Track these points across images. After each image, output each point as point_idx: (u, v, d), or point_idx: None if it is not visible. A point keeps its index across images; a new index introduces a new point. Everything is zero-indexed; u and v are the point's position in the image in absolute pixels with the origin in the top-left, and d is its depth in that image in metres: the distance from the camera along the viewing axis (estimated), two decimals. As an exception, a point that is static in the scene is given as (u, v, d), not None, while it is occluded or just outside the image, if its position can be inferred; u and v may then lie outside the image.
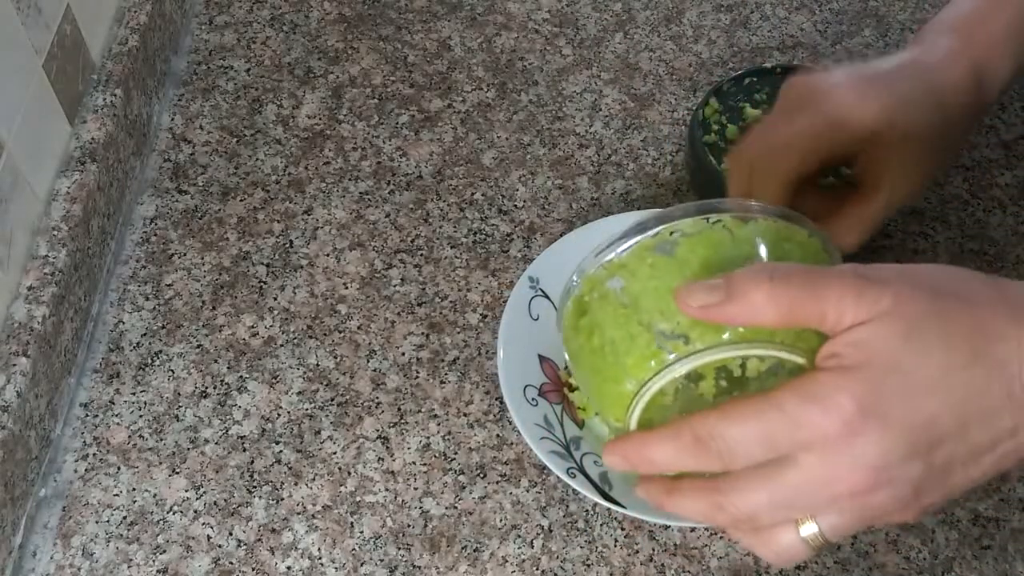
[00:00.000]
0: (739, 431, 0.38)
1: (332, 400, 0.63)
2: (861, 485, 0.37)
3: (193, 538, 0.58)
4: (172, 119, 0.77)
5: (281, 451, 0.61)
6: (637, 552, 0.58)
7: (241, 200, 0.73)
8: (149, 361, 0.65)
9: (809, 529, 0.39)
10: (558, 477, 0.59)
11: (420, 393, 0.64)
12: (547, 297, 0.65)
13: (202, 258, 0.69)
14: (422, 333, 0.67)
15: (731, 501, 0.39)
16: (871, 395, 0.36)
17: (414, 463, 0.61)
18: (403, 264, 0.70)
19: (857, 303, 0.37)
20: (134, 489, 0.60)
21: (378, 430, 0.62)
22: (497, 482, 0.61)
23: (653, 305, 0.42)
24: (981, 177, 0.76)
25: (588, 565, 0.58)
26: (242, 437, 0.62)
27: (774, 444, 0.37)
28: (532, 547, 0.58)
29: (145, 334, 0.66)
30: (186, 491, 0.60)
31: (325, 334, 0.66)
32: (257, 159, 0.75)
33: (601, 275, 0.45)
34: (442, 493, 0.60)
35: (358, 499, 0.60)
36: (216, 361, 0.65)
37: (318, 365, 0.65)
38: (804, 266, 0.39)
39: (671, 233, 0.43)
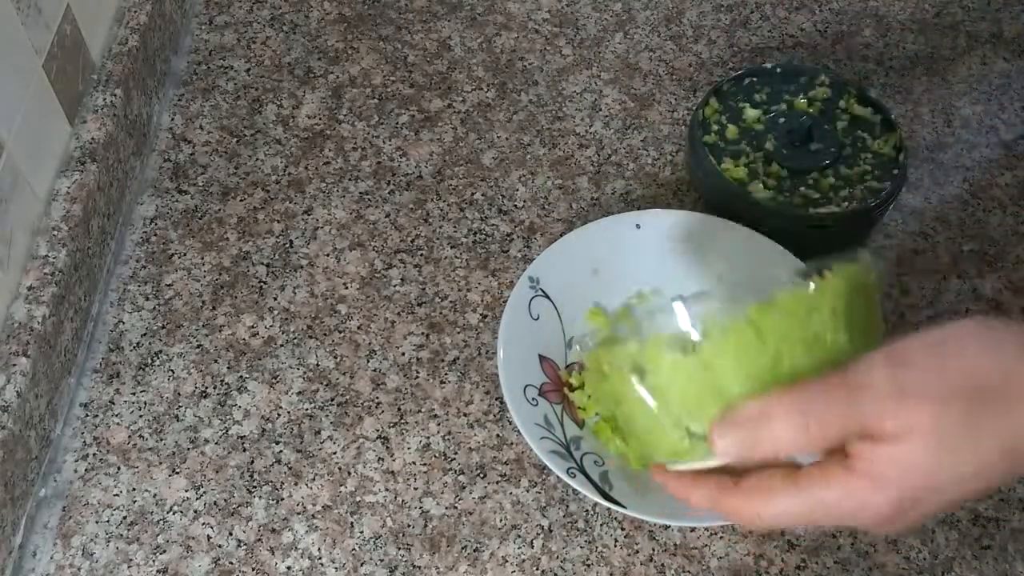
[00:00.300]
0: (778, 512, 0.41)
1: (332, 400, 0.63)
2: (891, 534, 0.42)
3: (193, 538, 0.58)
4: (172, 119, 0.77)
5: (281, 451, 0.61)
6: (637, 552, 0.58)
7: (241, 200, 0.73)
8: (149, 361, 0.65)
9: None
10: (558, 477, 0.59)
11: (420, 393, 0.64)
12: (547, 297, 0.65)
13: (202, 258, 0.69)
14: (422, 333, 0.67)
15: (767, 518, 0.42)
16: (907, 501, 0.39)
17: (414, 463, 0.61)
18: (403, 264, 0.70)
19: (896, 411, 0.38)
20: (134, 489, 0.60)
21: (378, 430, 0.62)
22: (497, 482, 0.60)
23: (681, 405, 0.42)
24: (981, 177, 0.76)
25: (588, 565, 0.58)
26: (242, 437, 0.62)
27: (807, 521, 0.41)
28: (532, 547, 0.58)
29: (145, 334, 0.66)
30: (186, 491, 0.60)
31: (325, 334, 0.66)
32: (257, 159, 0.75)
33: (617, 352, 0.44)
34: (442, 493, 0.60)
35: (358, 499, 0.60)
36: (216, 361, 0.65)
37: (318, 365, 0.65)
38: (836, 388, 0.39)
39: (691, 323, 0.42)
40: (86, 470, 0.60)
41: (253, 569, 0.57)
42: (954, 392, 0.38)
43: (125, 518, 0.59)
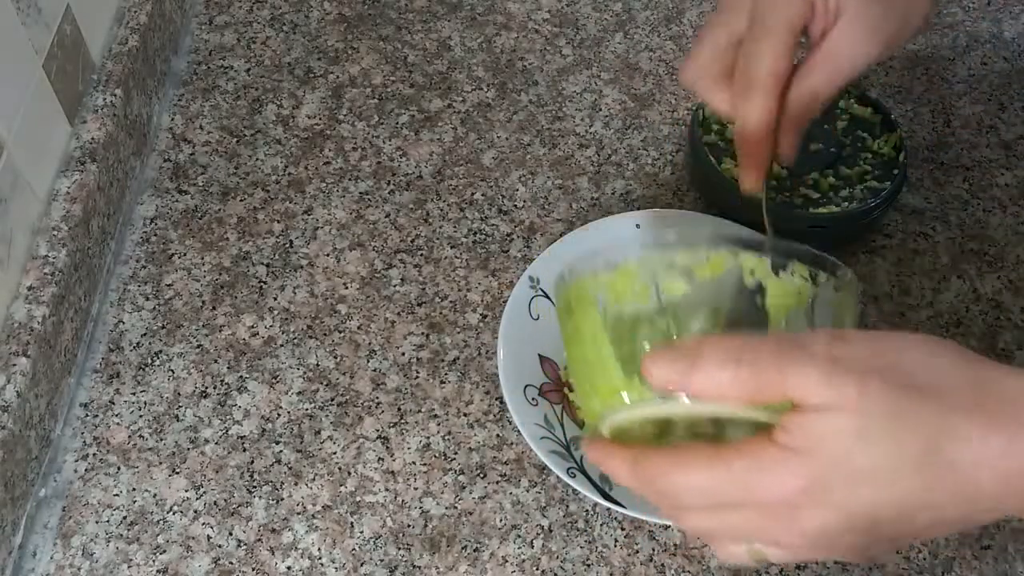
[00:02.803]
0: (687, 481, 0.39)
1: (332, 400, 0.63)
2: (798, 544, 0.39)
3: (193, 538, 0.58)
4: (172, 119, 0.77)
5: (281, 451, 0.61)
6: (637, 552, 0.58)
7: (241, 200, 0.73)
8: (149, 361, 0.65)
9: (750, 544, 0.41)
10: (558, 477, 0.59)
11: (420, 393, 0.64)
12: (547, 297, 0.65)
13: (202, 258, 0.69)
14: (422, 333, 0.67)
15: (681, 519, 0.41)
16: (814, 481, 0.37)
17: (414, 463, 0.61)
18: (403, 264, 0.70)
19: (822, 388, 0.37)
20: (134, 489, 0.60)
21: (378, 430, 0.62)
22: (497, 482, 0.61)
23: (634, 339, 0.42)
24: (981, 177, 0.76)
25: (588, 565, 0.58)
26: (242, 437, 0.62)
27: (717, 497, 0.39)
28: (532, 547, 0.58)
29: (145, 334, 0.66)
30: (186, 491, 0.60)
31: (325, 334, 0.66)
32: (257, 159, 0.75)
33: (588, 283, 0.44)
34: (442, 493, 0.60)
35: (358, 499, 0.60)
36: (216, 361, 0.65)
37: (318, 365, 0.65)
38: (775, 343, 0.38)
39: (667, 266, 0.43)
40: (86, 470, 0.60)
41: (253, 569, 0.57)
42: (883, 375, 0.37)
43: (125, 518, 0.59)
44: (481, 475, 0.61)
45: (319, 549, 0.58)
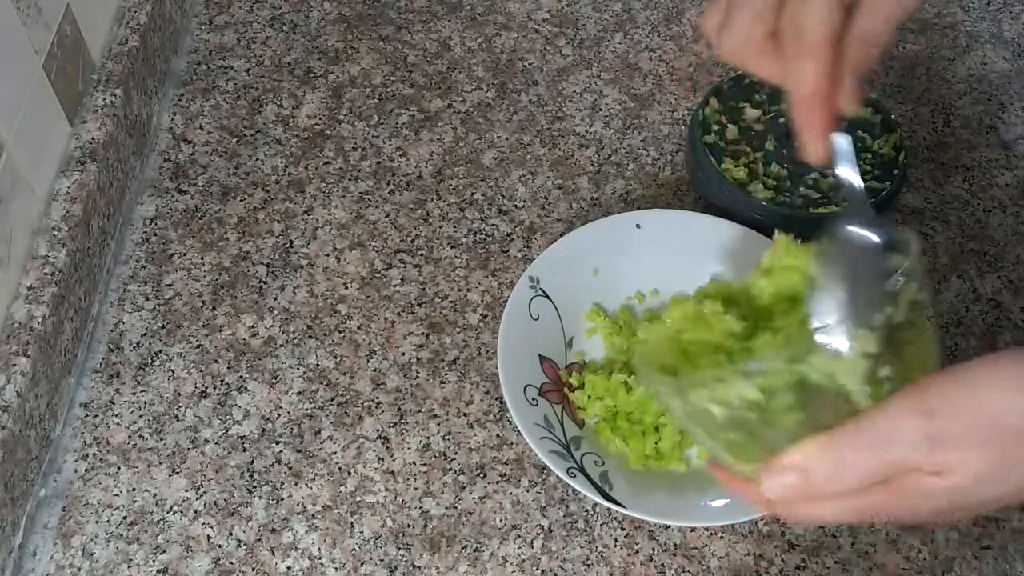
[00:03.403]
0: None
1: (332, 400, 0.63)
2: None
3: (193, 538, 0.58)
4: (172, 119, 0.77)
5: (281, 451, 0.61)
6: (637, 552, 0.58)
7: (241, 200, 0.73)
8: (149, 361, 0.65)
9: None
10: (558, 477, 0.59)
11: (420, 393, 0.64)
12: (547, 297, 0.65)
13: (202, 258, 0.69)
14: (422, 333, 0.67)
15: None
16: (947, 511, 0.41)
17: (414, 463, 0.61)
18: (403, 264, 0.70)
19: (928, 463, 0.39)
20: (134, 489, 0.60)
21: (378, 430, 0.62)
22: (497, 482, 0.61)
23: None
24: (981, 177, 0.76)
25: (588, 565, 0.58)
26: (242, 437, 0.62)
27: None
28: (532, 547, 0.58)
29: (145, 334, 0.66)
30: (186, 491, 0.60)
31: (325, 334, 0.66)
32: (257, 159, 0.75)
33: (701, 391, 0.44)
34: (442, 493, 0.60)
35: (358, 499, 0.60)
36: (216, 361, 0.65)
37: (318, 365, 0.65)
38: (869, 442, 0.40)
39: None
40: (86, 470, 0.60)
41: (253, 569, 0.57)
42: (985, 441, 0.39)
43: (125, 518, 0.59)
44: (481, 475, 0.61)
45: (319, 549, 0.58)
